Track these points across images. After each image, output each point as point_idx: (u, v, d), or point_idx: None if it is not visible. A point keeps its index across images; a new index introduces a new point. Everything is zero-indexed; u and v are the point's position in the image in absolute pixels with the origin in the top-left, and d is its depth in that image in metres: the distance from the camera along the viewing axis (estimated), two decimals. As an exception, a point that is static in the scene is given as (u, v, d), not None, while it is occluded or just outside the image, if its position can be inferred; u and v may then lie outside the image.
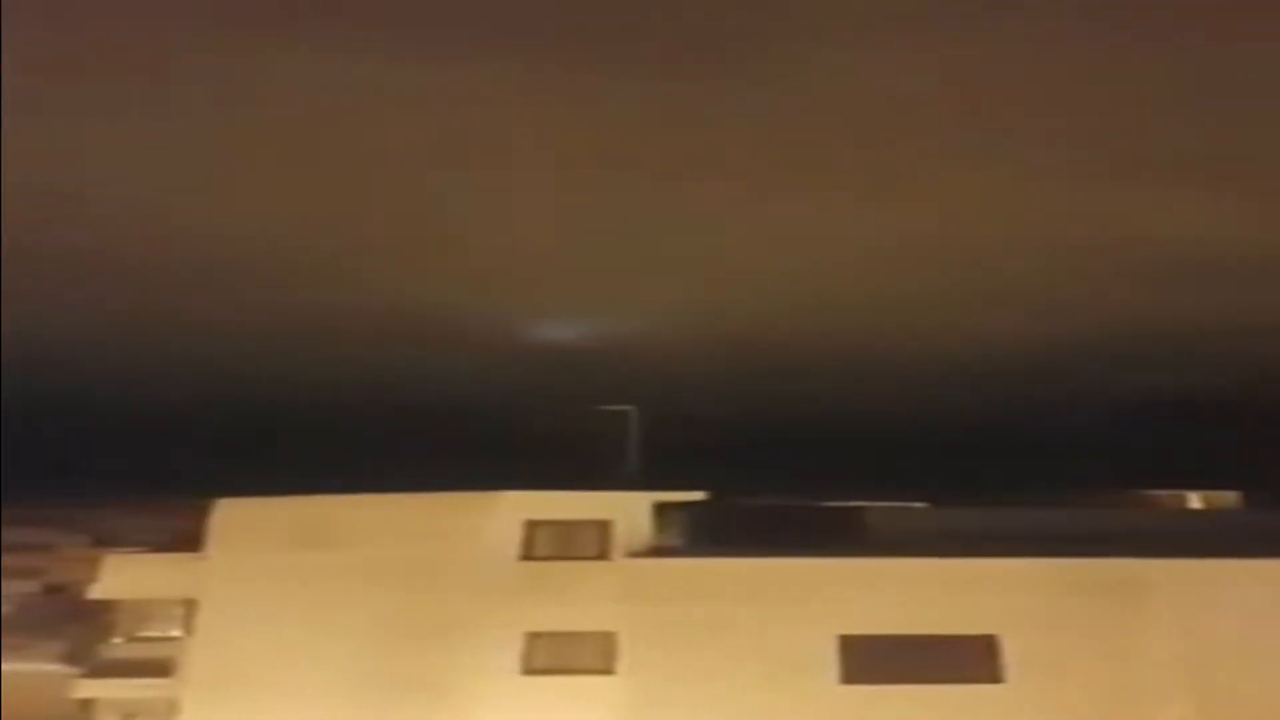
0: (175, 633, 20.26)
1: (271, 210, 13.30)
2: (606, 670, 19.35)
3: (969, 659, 18.67)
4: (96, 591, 20.19)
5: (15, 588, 22.09)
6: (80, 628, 20.68)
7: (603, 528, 20.86)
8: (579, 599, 19.89)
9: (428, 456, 22.59)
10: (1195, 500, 24.45)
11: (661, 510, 21.14)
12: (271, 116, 10.01)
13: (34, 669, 20.15)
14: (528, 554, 20.61)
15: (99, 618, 20.54)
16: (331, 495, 21.00)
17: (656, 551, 20.38)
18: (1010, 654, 18.61)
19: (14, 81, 8.26)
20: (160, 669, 19.56)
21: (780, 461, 24.66)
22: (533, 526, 20.81)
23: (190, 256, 15.24)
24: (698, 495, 21.51)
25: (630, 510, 20.94)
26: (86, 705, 20.10)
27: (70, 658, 20.38)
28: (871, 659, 18.80)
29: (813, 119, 10.17)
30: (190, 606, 20.07)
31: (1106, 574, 19.16)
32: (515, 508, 20.80)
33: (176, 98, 9.36)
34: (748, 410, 24.50)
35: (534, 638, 19.75)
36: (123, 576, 20.49)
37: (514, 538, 20.69)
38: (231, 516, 20.96)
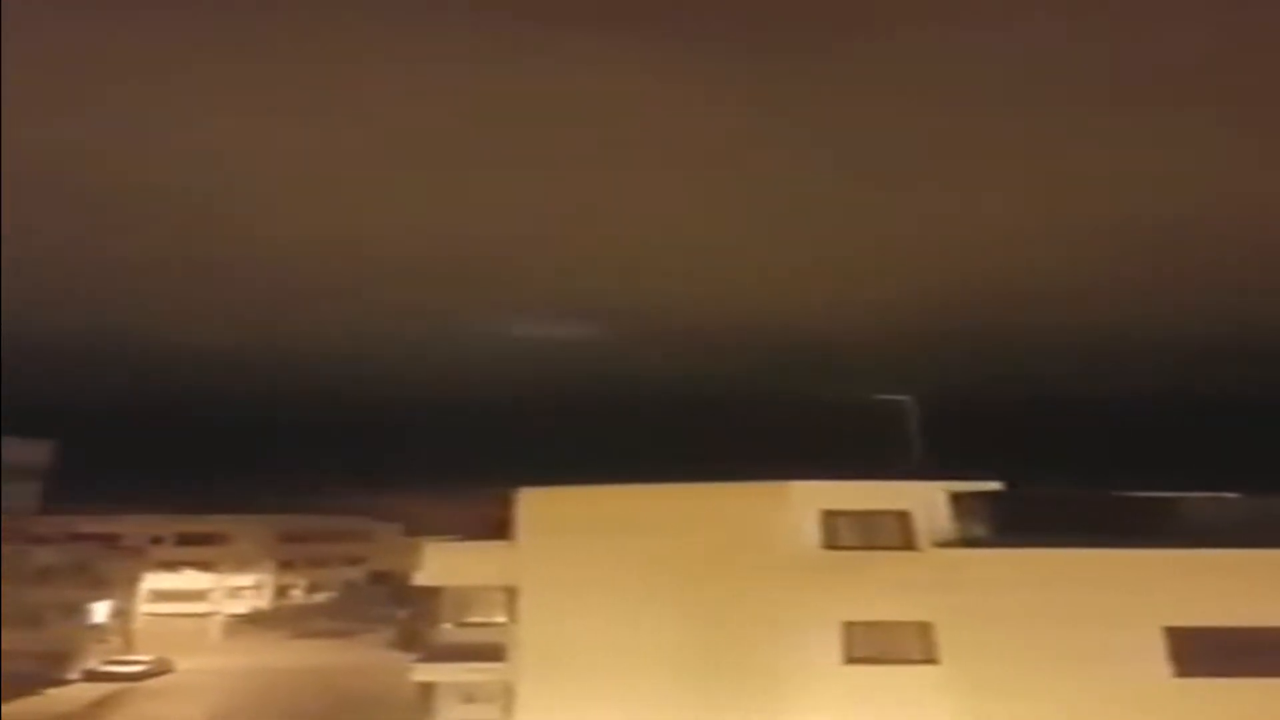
0: (499, 618, 20.88)
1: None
2: (930, 660, 19.52)
3: (1313, 653, 18.30)
4: (421, 579, 20.89)
5: (338, 575, 22.86)
6: (408, 613, 21.29)
7: (902, 518, 20.95)
8: (891, 589, 19.98)
9: (711, 448, 22.95)
10: None
11: (958, 500, 21.17)
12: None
13: (366, 653, 20.79)
14: (831, 543, 20.83)
15: (424, 604, 21.22)
16: (627, 484, 21.48)
17: (966, 542, 20.39)
18: (1356, 648, 18.21)
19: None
20: (491, 654, 20.15)
21: (1062, 451, 24.40)
22: (831, 516, 21.00)
23: (491, 268, 15.71)
24: (993, 485, 21.50)
25: (925, 500, 21.00)
26: (426, 689, 20.93)
27: (399, 643, 21.02)
28: (1203, 652, 18.52)
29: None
30: (510, 593, 20.71)
31: None
32: (809, 498, 20.98)
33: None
34: (1031, 399, 24.32)
35: (852, 627, 20.01)
36: (444, 564, 21.17)
37: (813, 527, 20.88)
38: (537, 505, 21.52)
